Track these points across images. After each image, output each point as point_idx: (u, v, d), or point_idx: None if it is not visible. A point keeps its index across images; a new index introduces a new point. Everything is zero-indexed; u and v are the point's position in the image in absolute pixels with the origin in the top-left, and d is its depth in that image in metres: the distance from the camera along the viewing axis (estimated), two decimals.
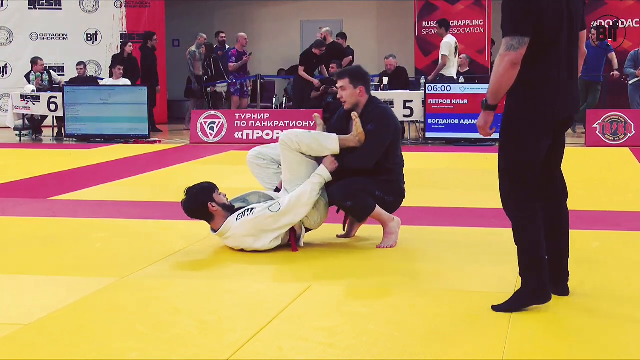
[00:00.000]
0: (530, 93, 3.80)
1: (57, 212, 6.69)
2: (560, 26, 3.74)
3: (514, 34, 3.66)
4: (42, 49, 15.96)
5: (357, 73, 5.33)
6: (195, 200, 5.12)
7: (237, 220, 5.07)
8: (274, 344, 3.49)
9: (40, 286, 4.46)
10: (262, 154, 5.42)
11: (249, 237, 5.06)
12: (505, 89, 3.76)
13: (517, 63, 3.67)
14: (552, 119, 3.85)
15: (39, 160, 10.88)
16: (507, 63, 3.67)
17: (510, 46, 3.66)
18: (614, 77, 13.49)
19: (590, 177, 8.71)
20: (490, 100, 3.82)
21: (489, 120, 3.88)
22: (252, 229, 5.04)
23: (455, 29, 15.86)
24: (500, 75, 3.71)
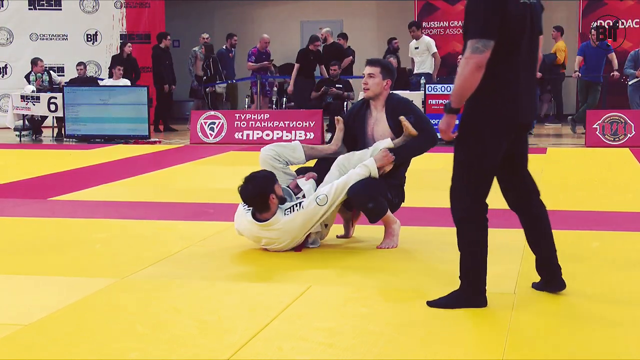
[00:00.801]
0: (492, 97, 3.76)
1: (57, 213, 6.69)
2: (523, 31, 3.74)
3: (480, 37, 3.63)
4: (42, 49, 15.96)
5: (390, 67, 5.44)
6: (260, 189, 5.03)
7: (286, 215, 5.05)
8: (274, 345, 3.49)
9: (40, 286, 4.46)
10: (279, 155, 5.42)
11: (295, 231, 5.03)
12: (469, 92, 3.70)
13: (482, 66, 3.64)
14: (513, 123, 3.84)
15: (39, 160, 10.88)
16: (472, 66, 3.63)
17: (475, 49, 3.63)
18: (614, 77, 13.49)
19: (590, 178, 8.71)
20: (454, 103, 3.75)
21: (452, 123, 3.78)
22: (305, 222, 5.02)
23: (456, 29, 15.88)
24: (465, 78, 3.67)
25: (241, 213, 5.19)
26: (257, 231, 5.10)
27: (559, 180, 8.50)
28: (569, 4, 16.46)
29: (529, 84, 3.86)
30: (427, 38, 13.97)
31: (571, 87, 15.91)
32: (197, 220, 6.31)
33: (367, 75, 5.31)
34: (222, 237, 5.67)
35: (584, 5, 15.57)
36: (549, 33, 15.56)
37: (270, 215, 5.05)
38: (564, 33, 15.31)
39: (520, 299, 4.11)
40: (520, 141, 4.01)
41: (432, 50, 13.69)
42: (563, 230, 5.86)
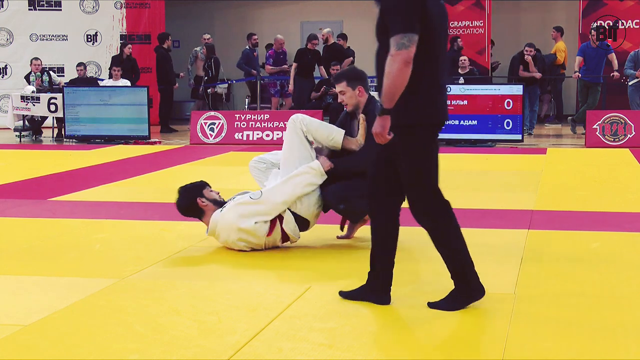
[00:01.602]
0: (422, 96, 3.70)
1: (57, 213, 6.69)
2: (441, 33, 3.73)
3: (404, 32, 3.55)
4: (42, 49, 15.96)
5: (354, 74, 5.34)
6: (186, 197, 5.26)
7: (220, 211, 5.14)
8: (274, 345, 3.49)
9: (39, 287, 4.46)
10: (263, 159, 5.52)
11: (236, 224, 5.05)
12: (401, 90, 3.59)
13: (410, 61, 3.55)
14: (440, 122, 3.80)
15: (39, 161, 10.88)
16: (400, 62, 3.54)
17: (401, 44, 3.54)
18: (614, 78, 13.49)
19: (591, 178, 8.71)
20: (386, 104, 3.62)
21: (386, 125, 3.64)
22: (235, 216, 5.07)
23: (455, 30, 15.87)
24: (394, 76, 3.56)
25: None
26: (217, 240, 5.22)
27: (558, 180, 8.51)
28: (569, 5, 16.46)
29: (444, 84, 3.86)
30: None
31: (571, 87, 15.91)
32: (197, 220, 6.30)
33: (339, 93, 5.30)
34: None
35: (584, 6, 15.57)
36: (549, 33, 15.58)
37: (208, 219, 5.19)
38: (563, 33, 15.32)
39: (520, 299, 4.11)
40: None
41: None
42: (563, 230, 5.87)
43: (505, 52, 15.87)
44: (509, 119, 12.16)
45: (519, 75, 13.96)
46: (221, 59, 16.64)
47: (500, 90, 12.40)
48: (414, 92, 3.65)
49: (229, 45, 18.34)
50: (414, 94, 3.65)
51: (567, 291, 4.30)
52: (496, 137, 12.22)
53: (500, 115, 12.17)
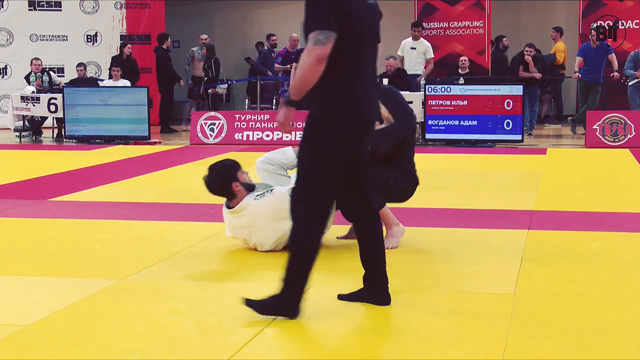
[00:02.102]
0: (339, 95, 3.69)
1: (57, 214, 6.69)
2: (365, 29, 3.71)
3: (321, 28, 3.55)
4: (42, 50, 15.96)
5: None
6: (220, 178, 5.10)
7: (255, 199, 5.06)
8: (273, 345, 3.49)
9: (40, 287, 4.46)
10: (270, 160, 5.43)
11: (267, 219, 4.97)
12: (310, 85, 3.60)
13: (324, 58, 3.55)
14: (359, 122, 3.76)
15: (39, 161, 10.88)
16: (313, 58, 3.54)
17: (317, 40, 3.55)
18: (614, 78, 13.50)
19: (591, 178, 8.71)
20: (293, 95, 3.64)
21: (290, 116, 3.67)
22: (275, 209, 4.99)
23: (455, 30, 15.88)
24: (306, 70, 3.57)
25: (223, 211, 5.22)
26: (231, 220, 5.11)
27: (559, 180, 8.51)
28: (569, 5, 16.46)
29: (372, 83, 3.82)
30: (427, 42, 13.95)
31: (571, 87, 15.91)
32: (197, 221, 6.31)
33: None
34: (222, 238, 5.67)
35: (584, 6, 15.57)
36: (549, 34, 15.59)
37: (238, 201, 5.08)
38: (563, 34, 15.32)
39: (520, 300, 4.11)
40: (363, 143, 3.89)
41: (430, 55, 13.76)
42: (563, 230, 5.87)
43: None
44: (509, 119, 12.16)
45: (519, 76, 13.96)
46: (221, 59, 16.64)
47: (500, 90, 12.40)
48: (333, 87, 3.66)
49: (229, 45, 18.34)
50: (332, 88, 3.67)
51: (567, 291, 4.30)
52: (496, 138, 12.22)
53: (500, 116, 12.17)
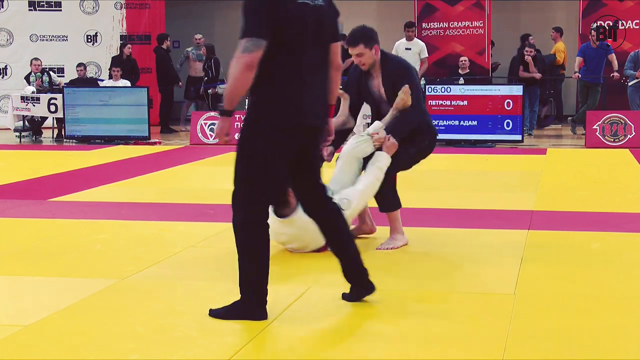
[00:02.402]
0: (273, 99, 3.70)
1: (57, 214, 6.68)
2: (302, 32, 3.68)
3: (250, 36, 3.57)
4: (42, 50, 15.96)
5: (368, 34, 5.19)
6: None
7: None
8: (273, 346, 3.49)
9: (39, 287, 4.46)
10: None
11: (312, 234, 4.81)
12: (241, 93, 3.63)
13: (253, 66, 3.56)
14: (296, 126, 3.74)
15: (39, 161, 10.88)
16: (242, 66, 3.55)
17: (245, 48, 3.56)
18: (614, 78, 13.49)
19: (591, 179, 8.71)
20: (226, 105, 3.64)
21: (225, 126, 3.67)
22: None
23: (455, 30, 15.87)
24: (235, 78, 3.58)
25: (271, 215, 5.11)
26: (278, 227, 5.04)
27: (559, 181, 8.51)
28: (569, 5, 16.46)
29: (317, 88, 3.78)
30: (421, 42, 13.94)
31: (571, 88, 15.91)
32: (197, 221, 6.31)
33: (355, 56, 5.18)
34: (222, 238, 5.67)
35: (584, 6, 15.57)
36: (549, 34, 15.58)
37: (290, 211, 5.01)
38: (563, 34, 15.32)
39: (520, 300, 4.11)
40: (310, 147, 3.89)
41: (425, 55, 13.77)
42: (563, 231, 5.87)
43: (505, 52, 15.87)
44: (509, 119, 12.16)
45: (519, 76, 13.95)
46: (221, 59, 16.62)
47: (500, 90, 12.40)
48: (266, 92, 3.68)
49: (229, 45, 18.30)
50: (266, 93, 3.69)
51: (567, 291, 4.30)
52: (496, 138, 12.21)
53: (500, 116, 12.17)
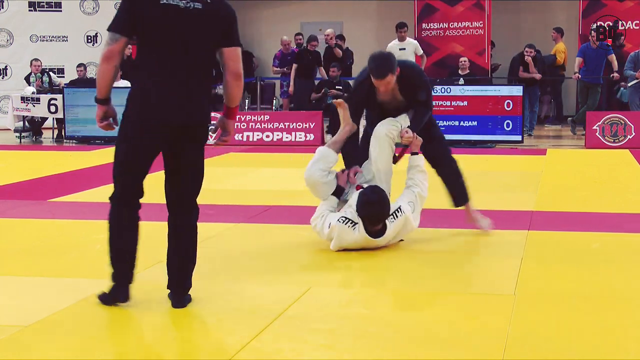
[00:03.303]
0: (136, 95, 3.90)
1: (57, 214, 6.68)
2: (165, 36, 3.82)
3: (111, 30, 3.86)
4: (42, 50, 15.97)
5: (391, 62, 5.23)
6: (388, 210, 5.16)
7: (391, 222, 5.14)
8: (273, 346, 3.49)
9: (40, 288, 4.46)
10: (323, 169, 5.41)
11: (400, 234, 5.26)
12: (104, 82, 3.86)
13: (110, 57, 3.81)
14: (156, 123, 3.86)
15: (39, 162, 10.87)
16: (102, 57, 3.84)
17: (106, 42, 3.85)
18: (614, 79, 13.49)
19: (591, 179, 8.71)
20: (97, 93, 3.92)
21: (99, 114, 3.94)
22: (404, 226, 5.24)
23: (455, 31, 15.87)
24: (98, 69, 3.90)
25: (345, 230, 5.10)
26: (367, 244, 5.13)
27: (559, 181, 8.51)
28: (569, 5, 16.46)
29: (181, 87, 3.87)
30: (413, 40, 14.01)
31: (571, 88, 15.91)
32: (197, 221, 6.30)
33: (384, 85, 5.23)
34: (222, 239, 5.67)
35: (584, 7, 15.57)
36: (549, 34, 15.58)
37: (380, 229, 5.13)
38: (564, 34, 15.31)
39: (520, 300, 4.11)
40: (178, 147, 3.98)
41: (420, 51, 13.75)
42: (563, 231, 5.87)
43: (505, 53, 15.87)
44: (508, 119, 12.16)
45: (519, 76, 13.95)
46: None
47: (500, 91, 12.40)
48: (132, 87, 3.95)
49: None
50: (132, 89, 3.94)
51: (567, 292, 4.30)
52: (496, 138, 12.22)
53: (500, 116, 12.17)
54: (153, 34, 3.83)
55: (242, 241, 5.58)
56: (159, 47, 3.84)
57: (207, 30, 3.88)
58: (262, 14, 18.98)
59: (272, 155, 11.32)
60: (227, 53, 3.93)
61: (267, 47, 18.30)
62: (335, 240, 5.13)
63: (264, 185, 8.38)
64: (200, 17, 3.85)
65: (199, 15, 3.85)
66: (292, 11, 18.64)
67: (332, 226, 5.13)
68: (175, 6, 3.81)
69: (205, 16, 3.86)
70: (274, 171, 9.49)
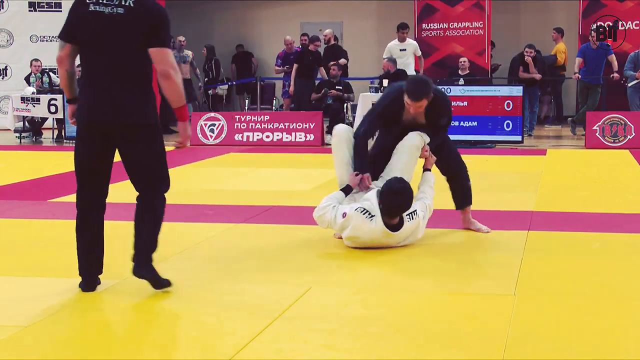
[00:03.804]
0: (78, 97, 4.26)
1: (57, 214, 6.68)
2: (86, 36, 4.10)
3: (59, 37, 4.23)
4: (42, 51, 15.96)
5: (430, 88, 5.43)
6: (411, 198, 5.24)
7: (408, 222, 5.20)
8: (273, 346, 3.49)
9: (39, 288, 4.46)
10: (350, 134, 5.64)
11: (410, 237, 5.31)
12: (62, 85, 4.31)
13: (60, 62, 4.21)
14: (87, 123, 4.16)
15: (39, 162, 10.88)
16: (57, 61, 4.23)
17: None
18: (614, 79, 13.50)
19: (591, 179, 8.71)
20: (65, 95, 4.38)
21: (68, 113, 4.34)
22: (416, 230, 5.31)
23: (455, 31, 15.88)
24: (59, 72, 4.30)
25: (362, 220, 5.13)
26: (382, 237, 5.16)
27: (559, 181, 8.51)
28: (569, 5, 16.47)
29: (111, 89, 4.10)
30: (413, 41, 14.12)
31: (571, 88, 15.91)
32: (197, 221, 6.31)
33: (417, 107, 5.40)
34: (222, 239, 5.68)
35: (584, 7, 15.57)
36: (549, 34, 15.58)
37: (397, 221, 5.18)
38: (564, 34, 15.31)
39: (520, 300, 4.11)
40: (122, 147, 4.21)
41: (419, 53, 13.92)
42: (563, 231, 5.87)
43: (505, 53, 15.88)
44: (508, 120, 12.16)
45: (519, 77, 13.96)
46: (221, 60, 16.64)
47: (500, 91, 12.40)
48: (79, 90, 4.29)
49: (229, 46, 18.34)
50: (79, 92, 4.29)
51: (567, 292, 4.31)
52: (496, 138, 12.22)
53: (500, 117, 12.17)
54: (84, 40, 4.12)
55: (242, 241, 5.58)
56: (88, 52, 4.13)
57: (129, 34, 4.05)
58: (262, 14, 18.99)
59: (272, 155, 11.32)
60: (152, 54, 4.06)
61: (267, 47, 18.31)
62: (351, 230, 5.14)
63: (264, 185, 8.38)
64: (123, 21, 4.05)
65: (121, 19, 4.04)
66: (292, 11, 18.64)
67: (349, 215, 5.13)
68: (101, 12, 4.05)
69: (127, 20, 4.05)
70: (274, 171, 9.49)
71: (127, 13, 4.04)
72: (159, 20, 4.08)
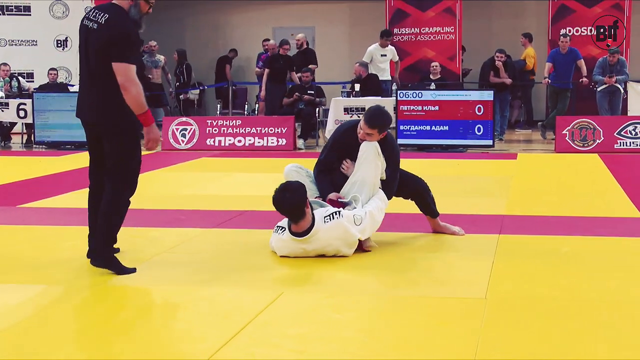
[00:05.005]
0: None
1: (27, 220, 6.62)
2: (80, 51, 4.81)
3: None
4: (11, 55, 15.81)
5: (386, 123, 5.46)
6: (297, 197, 5.03)
7: (326, 222, 5.07)
8: (245, 351, 3.48)
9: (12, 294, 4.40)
10: (301, 167, 5.64)
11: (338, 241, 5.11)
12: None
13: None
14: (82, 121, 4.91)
15: (8, 167, 10.77)
16: None
17: None
18: (583, 83, 13.65)
19: (560, 183, 8.79)
20: None
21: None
22: (344, 232, 5.09)
23: (426, 36, 15.97)
24: None
25: (277, 238, 5.18)
26: (299, 246, 5.10)
27: (529, 185, 8.58)
28: (539, 11, 16.64)
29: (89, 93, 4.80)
30: (392, 47, 14.36)
31: (541, 93, 16.07)
32: (169, 227, 6.28)
33: (367, 134, 5.39)
34: (194, 244, 5.65)
35: (553, 12, 15.73)
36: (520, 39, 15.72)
37: (307, 223, 5.05)
38: (532, 40, 15.46)
39: (491, 304, 4.14)
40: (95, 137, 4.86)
41: (396, 58, 14.31)
42: (533, 235, 5.92)
43: (476, 58, 15.99)
44: (479, 124, 12.24)
45: (490, 81, 14.07)
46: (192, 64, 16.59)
47: (471, 96, 12.49)
48: None
49: (200, 50, 18.30)
50: None
51: (538, 295, 4.34)
52: (467, 143, 12.30)
53: (471, 121, 12.25)
54: (78, 48, 4.86)
55: (213, 247, 5.57)
56: (80, 59, 4.82)
57: (99, 47, 4.65)
58: (233, 19, 18.97)
59: (244, 160, 11.30)
60: (113, 67, 4.61)
61: (240, 52, 18.28)
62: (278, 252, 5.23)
63: (237, 190, 8.37)
64: (95, 36, 4.67)
65: (95, 34, 4.67)
66: (265, 16, 18.65)
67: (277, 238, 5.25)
68: (86, 26, 4.75)
69: (98, 35, 4.66)
70: (246, 176, 9.47)
71: (98, 29, 4.67)
72: (120, 37, 4.61)
